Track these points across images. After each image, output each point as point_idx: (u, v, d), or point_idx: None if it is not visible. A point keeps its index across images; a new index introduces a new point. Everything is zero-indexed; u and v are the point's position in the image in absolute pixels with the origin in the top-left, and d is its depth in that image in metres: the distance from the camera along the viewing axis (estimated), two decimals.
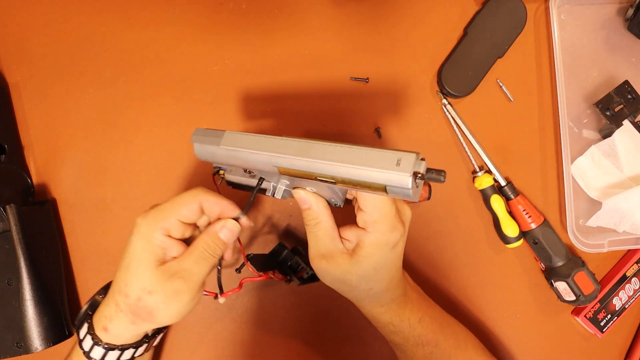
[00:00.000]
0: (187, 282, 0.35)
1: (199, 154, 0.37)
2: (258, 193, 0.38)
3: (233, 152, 0.35)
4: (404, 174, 0.28)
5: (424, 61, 0.51)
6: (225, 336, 0.49)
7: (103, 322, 0.36)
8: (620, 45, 0.52)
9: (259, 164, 0.34)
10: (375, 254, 0.36)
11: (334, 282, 0.39)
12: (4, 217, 0.44)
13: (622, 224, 0.49)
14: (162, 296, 0.34)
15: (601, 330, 0.49)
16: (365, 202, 0.35)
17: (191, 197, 0.36)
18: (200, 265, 0.35)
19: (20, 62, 0.51)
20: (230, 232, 0.37)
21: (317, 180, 0.33)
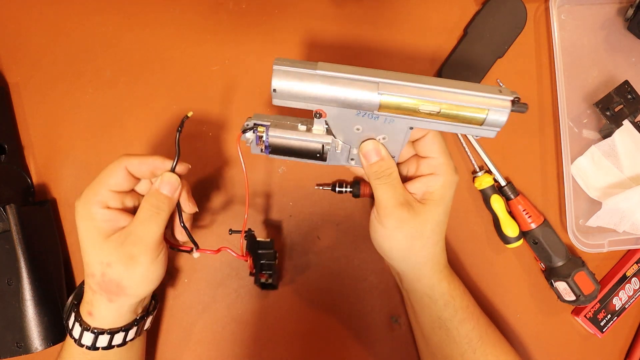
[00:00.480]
0: (139, 245, 0.35)
1: (279, 84, 0.32)
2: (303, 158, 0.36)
3: (332, 79, 0.32)
4: (506, 97, 0.32)
5: (424, 61, 0.51)
6: (225, 336, 0.49)
7: (87, 307, 0.37)
8: (620, 45, 0.52)
9: (360, 94, 0.32)
10: (446, 195, 0.38)
11: (407, 238, 0.38)
12: (4, 217, 0.44)
13: (622, 224, 0.49)
14: (121, 265, 0.35)
15: (601, 330, 0.49)
16: (431, 148, 0.38)
17: (114, 165, 0.37)
18: (146, 225, 0.35)
19: (20, 62, 0.51)
20: (169, 185, 0.36)
21: (415, 114, 0.32)
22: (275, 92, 0.33)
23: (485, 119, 0.32)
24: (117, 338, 0.38)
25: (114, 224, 0.36)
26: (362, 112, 0.33)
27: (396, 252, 0.40)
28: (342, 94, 0.32)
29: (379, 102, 0.32)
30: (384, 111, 0.33)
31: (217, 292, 0.49)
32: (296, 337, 0.49)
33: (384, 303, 0.49)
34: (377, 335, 0.49)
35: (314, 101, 0.33)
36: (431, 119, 0.33)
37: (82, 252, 0.37)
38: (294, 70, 0.32)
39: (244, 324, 0.49)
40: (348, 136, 0.36)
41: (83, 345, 0.37)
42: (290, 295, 0.49)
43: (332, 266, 0.50)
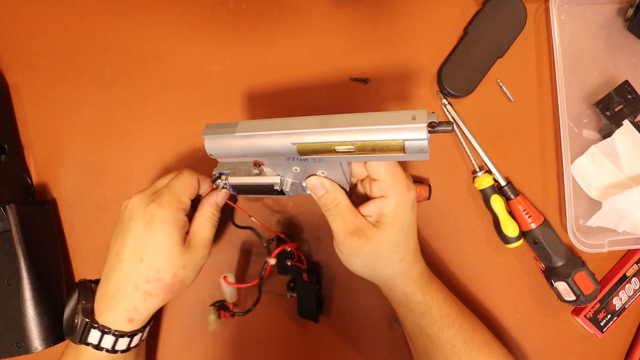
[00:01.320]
0: (206, 248, 0.41)
1: (210, 148, 0.37)
2: (264, 194, 0.40)
3: (249, 139, 0.35)
4: (420, 125, 0.30)
5: (424, 61, 0.51)
6: (225, 336, 0.49)
7: (126, 315, 0.38)
8: (620, 45, 0.52)
9: (277, 146, 0.34)
10: (399, 215, 0.38)
11: (366, 261, 0.39)
12: (4, 217, 0.44)
13: (622, 224, 0.49)
14: (192, 266, 0.39)
15: (601, 330, 0.49)
16: (378, 170, 0.37)
17: (192, 176, 0.41)
18: (211, 232, 0.41)
19: (20, 62, 0.51)
20: (222, 197, 0.42)
21: (335, 153, 0.33)
22: (210, 154, 0.37)
23: (405, 148, 0.31)
24: (145, 332, 0.41)
25: (185, 230, 0.40)
26: (290, 157, 0.35)
27: (361, 272, 0.40)
28: (263, 149, 0.35)
29: (296, 150, 0.34)
30: (306, 155, 0.34)
31: (217, 292, 0.49)
32: (296, 337, 0.49)
33: (384, 303, 0.49)
34: (377, 335, 0.49)
35: (244, 156, 0.37)
36: (353, 155, 0.33)
37: (145, 257, 0.37)
38: (218, 136, 0.36)
39: (243, 324, 0.49)
40: (293, 176, 0.38)
41: (117, 351, 0.39)
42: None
43: (332, 266, 0.50)
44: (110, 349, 0.38)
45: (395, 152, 0.32)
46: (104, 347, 0.38)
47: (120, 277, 0.38)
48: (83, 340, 0.38)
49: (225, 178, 0.39)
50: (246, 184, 0.39)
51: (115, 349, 0.38)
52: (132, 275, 0.38)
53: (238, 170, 0.39)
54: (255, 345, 0.49)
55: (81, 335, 0.38)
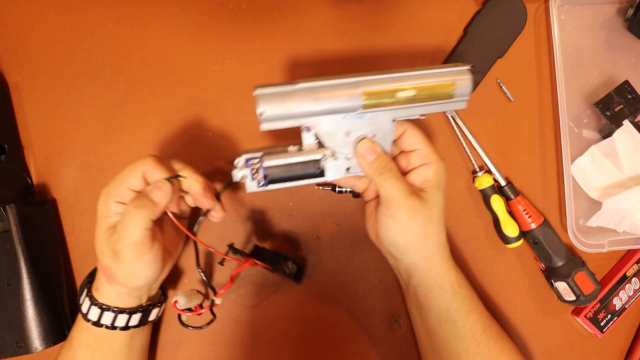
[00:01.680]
0: (121, 242, 0.37)
1: (264, 105, 0.34)
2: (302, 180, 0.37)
3: (313, 91, 0.34)
4: (464, 68, 0.37)
5: (424, 61, 0.51)
6: (225, 336, 0.49)
7: (95, 284, 0.40)
8: (620, 45, 0.52)
9: (342, 95, 0.35)
10: (441, 180, 0.39)
11: (420, 228, 0.38)
12: (4, 217, 0.44)
13: (622, 224, 0.49)
14: (109, 257, 0.37)
15: (601, 330, 0.49)
16: (415, 141, 0.39)
17: (135, 167, 0.38)
18: (127, 224, 0.36)
19: (20, 62, 0.51)
20: (157, 190, 0.37)
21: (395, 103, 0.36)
22: (262, 115, 0.34)
23: (454, 91, 0.37)
24: (120, 319, 0.40)
25: (113, 219, 0.38)
26: (347, 114, 0.36)
27: (411, 244, 0.40)
28: (327, 100, 0.34)
29: (361, 98, 0.35)
30: (367, 108, 0.35)
31: None
32: (296, 337, 0.49)
33: (384, 303, 0.49)
34: (377, 335, 0.49)
35: (300, 115, 0.35)
36: (409, 104, 0.36)
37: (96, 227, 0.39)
38: (276, 91, 0.34)
39: (244, 324, 0.49)
40: (340, 144, 0.37)
41: (89, 321, 0.40)
42: (290, 295, 0.49)
43: (332, 266, 0.50)
44: (85, 314, 0.40)
45: (445, 99, 0.37)
46: (82, 310, 0.40)
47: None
48: (78, 297, 0.42)
49: (257, 163, 0.36)
50: (285, 164, 0.36)
51: (87, 317, 0.40)
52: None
53: (272, 152, 0.37)
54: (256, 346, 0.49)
55: (80, 293, 0.42)
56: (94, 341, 0.40)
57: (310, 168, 0.37)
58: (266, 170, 0.37)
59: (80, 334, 0.41)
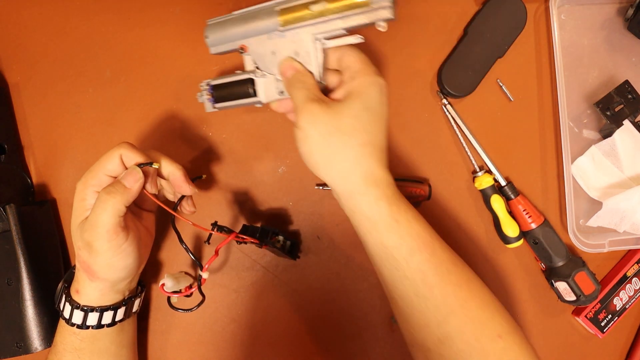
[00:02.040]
0: (93, 232, 0.36)
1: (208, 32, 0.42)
2: (241, 99, 0.41)
3: (244, 14, 0.40)
4: None
5: (424, 61, 0.51)
6: (225, 337, 0.49)
7: (75, 286, 0.39)
8: (620, 45, 0.52)
9: (263, 16, 0.39)
10: (363, 92, 0.36)
11: (324, 136, 0.35)
12: (4, 217, 0.44)
13: (622, 224, 0.49)
14: (85, 250, 0.36)
15: (602, 330, 0.49)
16: (348, 60, 0.37)
17: (112, 152, 0.38)
18: (98, 213, 0.35)
19: (20, 62, 0.51)
20: (130, 176, 0.37)
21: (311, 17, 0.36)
22: (207, 39, 0.42)
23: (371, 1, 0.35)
24: (106, 317, 0.39)
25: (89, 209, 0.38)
26: (271, 34, 0.39)
27: (317, 156, 0.36)
28: (252, 21, 0.39)
29: (278, 15, 0.38)
30: (285, 24, 0.38)
31: (218, 293, 0.49)
32: (296, 338, 0.49)
33: (384, 303, 0.49)
34: (377, 335, 0.49)
35: (234, 38, 0.41)
36: (326, 16, 0.36)
37: (72, 224, 0.39)
38: (219, 20, 0.41)
39: (244, 325, 0.49)
40: (269, 64, 0.40)
41: (74, 325, 0.39)
42: (290, 295, 0.49)
43: (332, 266, 0.50)
44: (68, 320, 0.39)
45: (362, 7, 0.35)
46: (64, 317, 0.39)
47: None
48: (57, 303, 0.40)
49: (208, 85, 0.43)
50: (226, 83, 0.42)
51: (72, 322, 0.39)
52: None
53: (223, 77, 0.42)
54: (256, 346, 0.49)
55: (57, 298, 0.41)
56: (80, 343, 0.39)
57: (246, 89, 0.41)
58: (213, 89, 0.42)
59: (65, 339, 0.39)
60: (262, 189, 0.50)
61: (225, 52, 0.42)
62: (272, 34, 0.39)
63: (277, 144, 0.50)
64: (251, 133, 0.50)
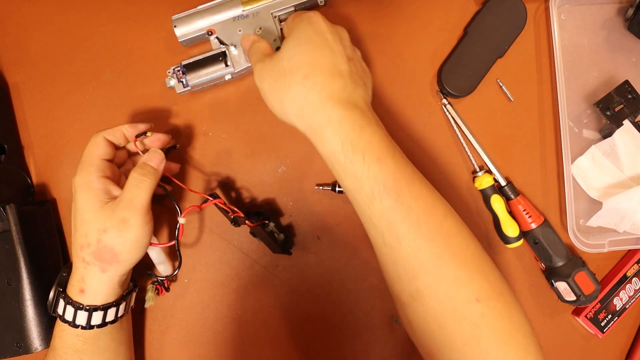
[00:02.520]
0: (130, 209, 0.37)
1: (177, 21, 0.48)
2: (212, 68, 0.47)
3: (208, 7, 0.48)
4: None
5: (424, 61, 0.51)
6: (225, 337, 0.49)
7: (78, 285, 0.39)
8: (620, 45, 0.52)
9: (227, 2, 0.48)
10: (292, 30, 0.39)
11: (272, 84, 0.38)
12: (3, 217, 0.44)
13: (622, 224, 0.49)
14: (115, 230, 0.37)
15: (602, 330, 0.49)
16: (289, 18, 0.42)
17: (94, 139, 0.41)
18: (135, 191, 0.38)
19: (20, 62, 0.51)
20: (155, 157, 0.41)
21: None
22: (176, 28, 0.48)
23: None
24: (110, 314, 0.40)
25: (109, 193, 0.39)
26: (235, 16, 0.48)
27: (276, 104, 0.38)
28: (218, 9, 0.48)
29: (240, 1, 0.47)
30: (246, 5, 0.47)
31: (217, 292, 0.49)
32: (296, 337, 0.49)
33: (384, 303, 0.49)
34: (377, 335, 0.49)
35: (202, 24, 0.48)
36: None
37: (77, 224, 0.38)
38: (186, 12, 0.48)
39: (244, 324, 0.49)
40: (236, 39, 0.48)
41: (78, 326, 0.38)
42: (290, 295, 0.49)
43: (332, 266, 0.50)
44: (71, 322, 0.38)
45: None
46: (66, 320, 0.39)
47: (72, 249, 0.40)
48: (54, 309, 0.40)
49: (179, 68, 0.47)
50: (197, 60, 0.47)
51: (75, 323, 0.38)
52: (74, 244, 0.39)
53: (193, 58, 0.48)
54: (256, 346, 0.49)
55: (52, 304, 0.40)
56: (82, 345, 0.39)
57: (219, 61, 0.47)
58: (185, 67, 0.47)
59: (66, 342, 0.39)
60: (262, 189, 0.50)
61: (193, 38, 0.48)
62: (237, 16, 0.47)
63: (277, 144, 0.50)
64: (251, 133, 0.50)
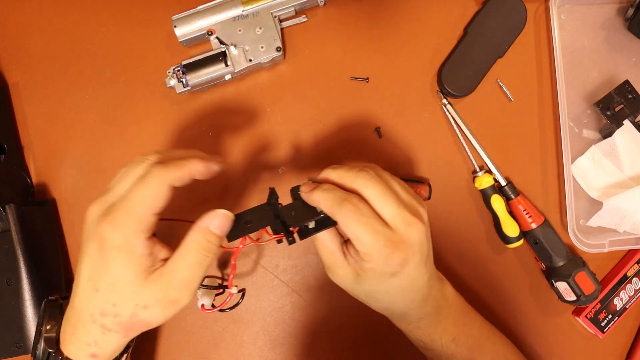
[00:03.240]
0: (185, 290, 0.31)
1: (177, 21, 0.48)
2: (213, 67, 0.47)
3: (208, 7, 0.48)
4: None
5: (424, 61, 0.51)
6: (225, 337, 0.49)
7: (87, 350, 0.32)
8: (620, 45, 0.52)
9: (226, 2, 0.48)
10: (374, 281, 0.34)
11: (387, 291, 0.36)
12: (3, 217, 0.44)
13: (622, 224, 0.49)
14: (159, 308, 0.31)
15: (602, 330, 0.49)
16: (352, 233, 0.32)
17: (157, 185, 0.30)
18: (195, 271, 0.31)
19: (20, 62, 0.51)
20: (221, 220, 0.32)
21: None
22: (176, 28, 0.48)
23: None
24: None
25: (153, 258, 0.31)
26: (235, 16, 0.48)
27: (385, 304, 0.39)
28: (218, 9, 0.48)
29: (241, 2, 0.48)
30: (246, 4, 0.48)
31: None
32: (295, 338, 0.49)
33: None
34: (377, 335, 0.49)
35: (202, 24, 0.48)
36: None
37: (100, 287, 0.31)
38: (186, 12, 0.48)
39: (243, 325, 0.49)
40: (236, 39, 0.48)
41: None
42: (289, 296, 0.49)
43: None
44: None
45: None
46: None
47: (78, 305, 0.32)
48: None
49: (179, 69, 0.47)
50: (197, 60, 0.47)
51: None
52: (88, 304, 0.31)
53: (194, 62, 0.48)
54: (256, 347, 0.49)
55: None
56: None
57: (219, 61, 0.47)
58: (185, 67, 0.47)
59: None
60: (262, 189, 0.50)
61: (193, 38, 0.48)
62: (237, 16, 0.48)
63: (277, 144, 0.50)
64: (251, 133, 0.50)
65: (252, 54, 0.48)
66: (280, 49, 0.48)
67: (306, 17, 0.50)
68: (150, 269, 0.31)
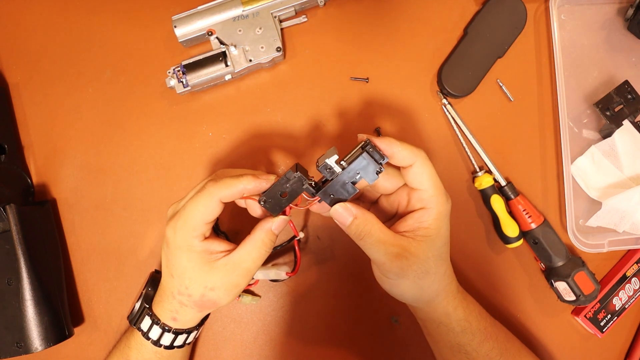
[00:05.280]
0: (247, 276, 0.38)
1: (177, 21, 0.48)
2: (212, 68, 0.47)
3: (208, 7, 0.48)
4: None
5: (424, 61, 0.51)
6: (225, 336, 0.49)
7: (170, 314, 0.40)
8: (620, 45, 0.52)
9: (226, 2, 0.48)
10: (441, 227, 0.37)
11: (414, 281, 0.37)
12: (4, 217, 0.44)
13: (622, 224, 0.49)
14: (224, 290, 0.38)
15: (601, 330, 0.49)
16: (420, 180, 0.36)
17: (208, 199, 0.36)
18: (257, 263, 0.38)
19: (20, 62, 0.51)
20: (280, 224, 0.39)
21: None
22: (176, 28, 0.48)
23: None
24: (191, 337, 0.42)
25: (212, 252, 0.38)
26: (235, 16, 0.48)
27: (407, 295, 0.39)
28: (218, 9, 0.48)
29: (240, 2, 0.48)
30: (246, 4, 0.48)
31: None
32: (295, 338, 0.49)
33: (384, 303, 0.49)
34: (377, 335, 0.49)
35: (202, 24, 0.48)
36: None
37: (177, 277, 0.38)
38: (186, 12, 0.49)
39: (243, 324, 0.49)
40: (236, 39, 0.48)
41: (161, 345, 0.40)
42: (289, 295, 0.49)
43: (332, 266, 0.50)
44: (155, 341, 0.40)
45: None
46: (150, 338, 0.40)
47: (163, 283, 0.40)
48: (137, 323, 0.41)
49: (179, 69, 0.48)
50: (197, 60, 0.48)
51: (159, 343, 0.40)
52: (169, 285, 0.39)
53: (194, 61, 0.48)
54: (255, 346, 0.49)
55: (137, 318, 0.41)
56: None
57: (219, 61, 0.48)
58: (185, 67, 0.48)
59: (143, 356, 0.41)
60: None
61: (193, 38, 0.49)
62: (237, 16, 0.48)
63: (277, 143, 0.50)
64: (251, 133, 0.50)
65: (252, 54, 0.48)
66: (280, 49, 0.48)
67: (306, 17, 0.50)
68: (210, 258, 0.37)
